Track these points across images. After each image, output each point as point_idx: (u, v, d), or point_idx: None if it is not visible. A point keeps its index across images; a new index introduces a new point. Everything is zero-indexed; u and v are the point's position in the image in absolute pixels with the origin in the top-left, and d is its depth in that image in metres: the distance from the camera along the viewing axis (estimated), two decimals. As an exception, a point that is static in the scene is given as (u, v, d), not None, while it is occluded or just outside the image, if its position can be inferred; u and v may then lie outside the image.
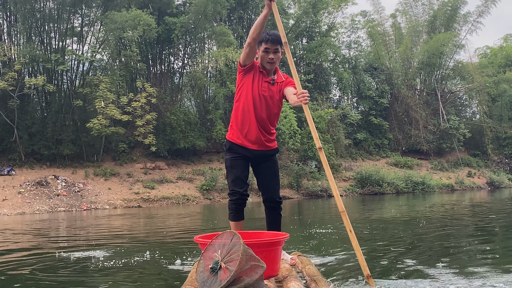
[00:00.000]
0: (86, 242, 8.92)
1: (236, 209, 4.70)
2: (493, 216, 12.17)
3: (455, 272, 4.74)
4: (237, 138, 4.69)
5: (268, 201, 4.81)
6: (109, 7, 28.63)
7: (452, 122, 41.97)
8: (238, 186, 4.65)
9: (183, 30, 30.58)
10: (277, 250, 3.81)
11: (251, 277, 3.07)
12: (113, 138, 28.61)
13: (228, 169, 4.76)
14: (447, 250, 6.35)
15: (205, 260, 3.22)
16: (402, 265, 5.29)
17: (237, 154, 4.70)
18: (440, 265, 5.16)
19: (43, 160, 27.49)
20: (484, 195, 27.52)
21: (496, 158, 45.29)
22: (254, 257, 3.15)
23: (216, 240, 3.27)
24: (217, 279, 3.05)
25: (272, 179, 4.81)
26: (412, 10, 46.63)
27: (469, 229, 9.32)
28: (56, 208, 23.03)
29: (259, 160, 4.76)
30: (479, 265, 5.15)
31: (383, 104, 41.06)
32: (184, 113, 31.51)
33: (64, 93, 29.19)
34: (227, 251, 3.12)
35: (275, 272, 3.82)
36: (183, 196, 26.68)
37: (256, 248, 3.41)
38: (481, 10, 44.38)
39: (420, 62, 43.87)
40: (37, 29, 28.88)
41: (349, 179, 33.55)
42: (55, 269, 5.81)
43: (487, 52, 54.72)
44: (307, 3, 35.38)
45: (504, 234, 8.57)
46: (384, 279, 4.52)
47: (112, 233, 11.19)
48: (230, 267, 3.04)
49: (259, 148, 4.70)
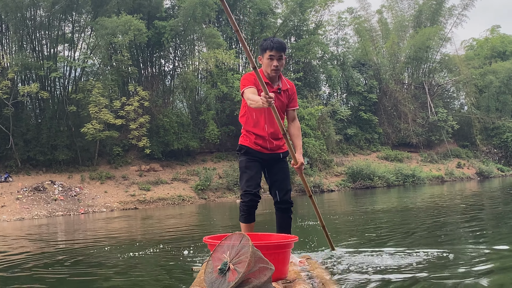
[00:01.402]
0: (100, 243, 9.41)
1: (247, 211, 4.75)
2: (483, 204, 12.78)
3: (423, 244, 5.28)
4: (253, 144, 4.84)
5: (280, 203, 4.87)
6: (99, 13, 29.00)
7: (440, 115, 42.69)
8: (252, 187, 4.71)
9: (173, 33, 31.04)
10: (286, 252, 3.83)
11: (260, 279, 3.09)
12: (108, 142, 29.01)
13: (242, 170, 4.85)
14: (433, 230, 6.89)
15: (214, 261, 3.23)
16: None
17: (253, 156, 4.83)
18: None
19: (39, 166, 27.88)
20: (474, 185, 28.17)
21: (484, 149, 46.02)
22: (263, 259, 3.17)
23: (225, 241, 3.28)
24: (226, 280, 3.06)
25: (284, 181, 4.91)
26: (398, 5, 47.37)
27: (458, 217, 9.89)
28: (54, 213, 23.46)
29: (273, 162, 4.90)
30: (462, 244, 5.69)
31: (372, 99, 41.67)
32: (177, 115, 31.96)
33: (58, 99, 29.56)
34: (236, 253, 3.13)
35: (283, 275, 3.83)
36: (179, 196, 27.15)
37: (265, 250, 3.42)
38: (466, 3, 45.17)
39: (407, 56, 44.54)
40: (29, 37, 29.21)
41: (341, 174, 34.13)
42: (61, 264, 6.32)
43: (473, 44, 55.37)
44: (294, 2, 35.88)
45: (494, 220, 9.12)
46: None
47: (123, 233, 11.68)
48: (238, 268, 3.05)
49: (272, 152, 4.86)
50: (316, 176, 31.32)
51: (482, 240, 6.45)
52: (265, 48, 4.73)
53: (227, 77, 31.08)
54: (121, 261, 6.54)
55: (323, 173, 33.20)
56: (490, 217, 9.73)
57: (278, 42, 4.73)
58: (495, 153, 46.00)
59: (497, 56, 50.71)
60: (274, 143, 4.84)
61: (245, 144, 4.89)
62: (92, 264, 6.60)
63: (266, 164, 4.90)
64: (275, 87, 4.81)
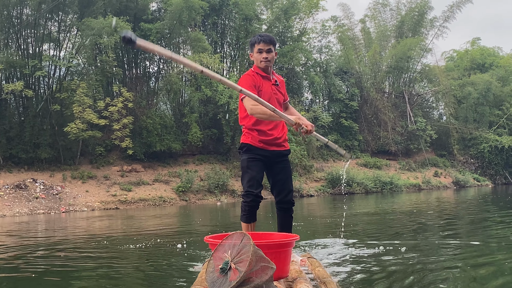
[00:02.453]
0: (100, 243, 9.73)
1: (249, 211, 4.74)
2: (458, 212, 13.34)
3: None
4: (256, 141, 4.79)
5: (282, 203, 4.90)
6: (85, 14, 29.18)
7: (419, 124, 43.49)
8: (254, 187, 4.68)
9: (159, 36, 31.32)
10: (287, 251, 3.83)
11: (261, 278, 3.11)
12: (90, 142, 29.13)
13: (244, 170, 4.82)
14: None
15: (215, 261, 3.25)
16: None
17: (254, 155, 4.78)
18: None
19: (21, 164, 27.93)
20: (450, 194, 28.88)
21: (462, 158, 46.90)
22: (264, 258, 3.18)
23: (226, 240, 3.29)
24: (227, 280, 3.07)
25: (286, 180, 4.91)
26: (381, 15, 47.98)
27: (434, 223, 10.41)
28: (35, 211, 23.59)
29: (275, 161, 4.87)
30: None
31: (353, 106, 42.28)
32: (160, 117, 32.21)
33: (42, 98, 29.61)
34: (237, 252, 3.14)
35: (285, 274, 3.85)
36: (160, 197, 27.43)
37: (266, 249, 3.43)
38: (447, 15, 46.00)
39: (388, 66, 45.27)
40: (15, 35, 29.27)
41: (321, 180, 34.68)
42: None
43: (454, 56, 56.42)
44: (279, 9, 36.41)
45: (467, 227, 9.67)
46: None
47: (118, 231, 11.99)
48: (240, 267, 3.06)
49: (276, 148, 4.85)
50: (296, 181, 31.80)
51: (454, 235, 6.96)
52: (253, 43, 4.80)
53: (212, 81, 31.45)
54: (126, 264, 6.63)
55: (303, 178, 33.71)
56: (466, 222, 10.28)
57: (266, 35, 4.82)
58: (471, 163, 46.92)
59: (476, 68, 51.69)
60: (278, 139, 4.85)
61: (247, 142, 4.83)
62: (72, 257, 6.94)
63: (268, 162, 4.85)
64: (273, 79, 4.86)
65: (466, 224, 10.26)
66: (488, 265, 5.16)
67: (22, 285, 5.28)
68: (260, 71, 4.81)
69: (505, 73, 50.45)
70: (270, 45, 4.76)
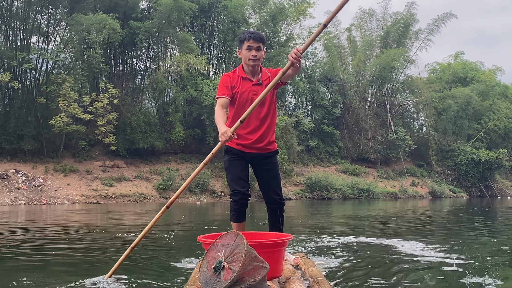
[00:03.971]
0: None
1: (238, 210, 4.68)
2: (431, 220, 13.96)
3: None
4: (234, 144, 4.69)
5: (270, 202, 4.81)
6: (75, 9, 29.49)
7: (399, 134, 44.36)
8: (240, 185, 4.63)
9: (147, 34, 31.73)
10: (281, 251, 3.81)
11: (254, 278, 3.10)
12: (74, 136, 29.42)
13: (227, 170, 4.77)
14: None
15: (208, 260, 3.24)
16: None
17: (235, 155, 4.72)
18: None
19: (4, 154, 28.14)
20: (425, 203, 29.59)
21: (439, 169, 47.89)
22: (258, 258, 3.17)
23: (219, 240, 3.30)
24: (220, 279, 3.07)
25: (272, 179, 4.79)
26: (367, 25, 48.73)
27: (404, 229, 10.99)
28: (16, 201, 23.88)
29: (259, 162, 4.77)
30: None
31: (335, 113, 42.97)
32: (144, 114, 32.61)
33: (28, 90, 29.86)
34: (231, 251, 3.14)
35: (278, 273, 3.83)
36: (140, 194, 27.84)
37: (260, 249, 3.42)
38: (432, 29, 46.99)
39: (372, 75, 46.07)
40: (4, 27, 29.47)
41: (300, 184, 35.33)
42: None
43: (437, 68, 57.42)
44: (267, 14, 37.00)
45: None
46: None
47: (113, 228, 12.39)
48: (233, 267, 3.05)
49: (257, 151, 4.71)
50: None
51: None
52: (243, 39, 4.65)
53: (197, 82, 31.93)
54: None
55: (283, 181, 34.24)
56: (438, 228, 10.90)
57: (256, 32, 4.69)
58: (448, 174, 47.91)
59: (458, 81, 52.68)
60: (260, 144, 4.71)
61: (227, 144, 4.63)
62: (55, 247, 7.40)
63: (253, 162, 4.79)
64: (255, 79, 4.68)
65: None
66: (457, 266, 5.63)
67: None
68: (242, 72, 4.69)
69: (486, 87, 51.56)
70: (260, 43, 4.63)
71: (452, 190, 44.75)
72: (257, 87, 4.62)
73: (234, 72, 4.72)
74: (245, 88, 4.62)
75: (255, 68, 4.68)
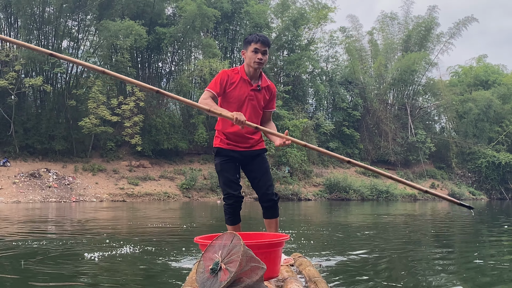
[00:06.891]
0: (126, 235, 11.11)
1: (232, 213, 4.69)
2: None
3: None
4: (225, 144, 4.67)
5: (263, 200, 4.73)
6: (104, 15, 30.84)
7: (419, 136, 44.75)
8: (232, 188, 4.61)
9: (172, 40, 32.91)
10: (278, 251, 3.80)
11: (251, 278, 3.08)
12: (102, 137, 30.76)
13: (219, 174, 4.71)
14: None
15: (205, 261, 3.22)
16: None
17: (226, 157, 4.66)
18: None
19: (36, 154, 29.61)
20: (445, 205, 29.86)
21: (459, 172, 48.01)
22: (255, 258, 3.15)
23: (216, 241, 3.28)
24: (217, 280, 3.06)
25: (263, 175, 4.73)
26: (389, 28, 49.24)
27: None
28: (48, 199, 25.24)
29: (248, 160, 4.73)
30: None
31: (356, 116, 43.61)
32: (169, 117, 33.80)
33: (59, 93, 31.26)
34: (228, 252, 3.12)
35: (275, 274, 3.81)
36: (164, 193, 28.99)
37: (257, 249, 3.42)
38: (453, 32, 47.37)
39: (393, 78, 46.52)
40: (36, 32, 30.95)
41: (319, 185, 36.07)
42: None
43: (459, 71, 57.22)
44: (289, 19, 37.94)
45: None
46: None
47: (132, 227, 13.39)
48: (230, 268, 3.04)
49: (246, 149, 4.70)
50: (295, 185, 33.24)
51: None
52: (250, 41, 4.57)
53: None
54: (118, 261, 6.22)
55: (302, 182, 35.13)
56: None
57: (264, 36, 4.61)
58: (469, 177, 48.03)
59: (479, 84, 52.37)
60: (249, 142, 4.71)
61: (216, 145, 4.72)
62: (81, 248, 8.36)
63: (242, 161, 4.74)
64: (254, 84, 4.63)
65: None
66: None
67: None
68: (243, 74, 4.62)
69: (507, 91, 51.36)
70: (267, 47, 4.57)
71: (472, 192, 44.89)
72: (255, 93, 4.61)
73: (234, 71, 4.65)
74: (243, 90, 4.57)
75: (257, 72, 4.65)
